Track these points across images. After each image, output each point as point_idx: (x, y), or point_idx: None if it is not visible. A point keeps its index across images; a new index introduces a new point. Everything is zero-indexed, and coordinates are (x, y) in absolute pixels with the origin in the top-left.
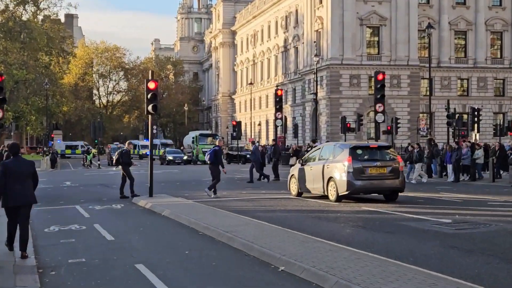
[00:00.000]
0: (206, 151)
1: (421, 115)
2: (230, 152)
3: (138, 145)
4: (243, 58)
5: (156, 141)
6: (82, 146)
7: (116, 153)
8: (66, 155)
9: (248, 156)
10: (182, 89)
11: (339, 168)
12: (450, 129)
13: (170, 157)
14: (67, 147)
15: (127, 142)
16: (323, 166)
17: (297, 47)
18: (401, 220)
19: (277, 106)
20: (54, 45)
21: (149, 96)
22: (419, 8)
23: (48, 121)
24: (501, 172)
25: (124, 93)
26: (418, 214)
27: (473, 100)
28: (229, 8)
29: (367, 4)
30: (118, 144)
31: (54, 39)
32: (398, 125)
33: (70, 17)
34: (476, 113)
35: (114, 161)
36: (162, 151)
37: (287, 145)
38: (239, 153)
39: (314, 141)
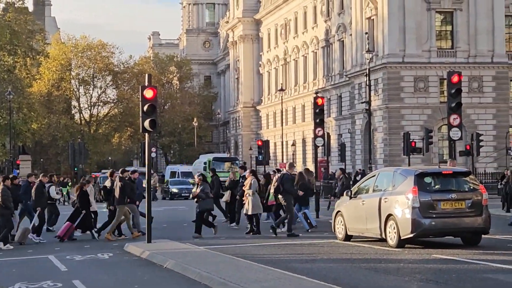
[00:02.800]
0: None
1: (511, 129)
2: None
3: (178, 172)
4: (270, 56)
5: (174, 168)
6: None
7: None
8: None
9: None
10: (190, 99)
11: (401, 202)
12: None
13: (174, 190)
14: None
15: (131, 172)
16: (380, 199)
17: (343, 41)
18: (486, 272)
19: (317, 120)
20: (20, 41)
21: (145, 108)
22: None
23: (12, 142)
24: None
25: (112, 104)
26: (509, 263)
27: None
28: None
29: None
30: (115, 173)
31: (19, 34)
32: (481, 144)
33: (40, 5)
34: None
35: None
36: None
37: (331, 172)
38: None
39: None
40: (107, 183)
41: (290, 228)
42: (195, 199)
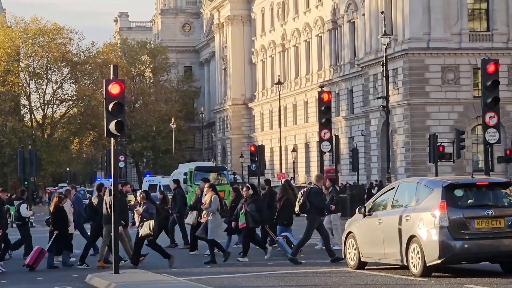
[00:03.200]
0: None
1: None
2: None
3: (160, 185)
4: (265, 41)
5: (154, 181)
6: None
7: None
8: None
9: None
10: (167, 95)
11: (427, 221)
12: None
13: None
14: None
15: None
16: (400, 217)
17: (354, 22)
18: None
19: (323, 120)
20: None
21: (111, 107)
22: None
23: None
24: None
25: (71, 103)
26: None
27: None
28: None
29: None
30: (76, 187)
31: None
32: None
33: None
34: None
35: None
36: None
37: (341, 183)
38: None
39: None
40: (94, 199)
41: (296, 252)
42: (137, 223)
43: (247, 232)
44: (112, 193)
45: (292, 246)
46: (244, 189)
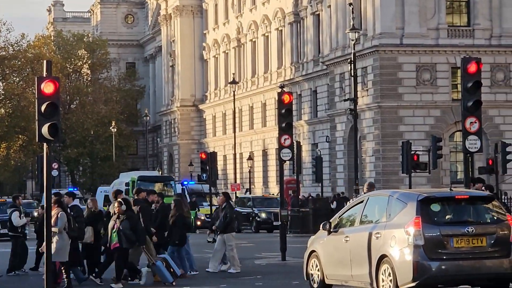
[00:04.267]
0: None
1: None
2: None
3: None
4: (218, 35)
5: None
6: None
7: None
8: None
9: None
10: (107, 95)
11: (399, 239)
12: None
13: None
14: None
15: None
16: (370, 235)
17: (318, 15)
18: None
19: (283, 125)
20: None
21: (43, 108)
22: None
23: None
24: None
25: None
26: None
27: None
28: None
29: None
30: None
31: None
32: (508, 157)
33: None
34: None
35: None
36: None
37: (302, 196)
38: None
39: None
40: (111, 209)
41: None
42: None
43: (121, 253)
44: (45, 207)
45: (172, 270)
46: (116, 204)
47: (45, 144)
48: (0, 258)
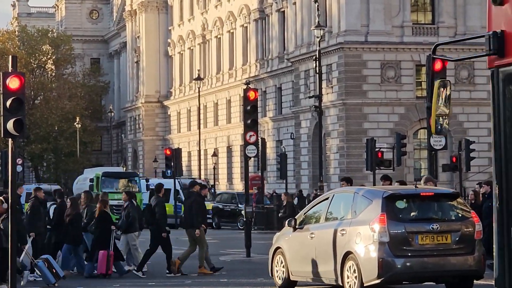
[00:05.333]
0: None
1: None
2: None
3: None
4: (183, 32)
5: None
6: None
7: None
8: None
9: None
10: (71, 90)
11: (364, 236)
12: None
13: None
14: None
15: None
16: (335, 232)
17: (283, 12)
18: None
19: (248, 121)
20: None
21: (9, 103)
22: None
23: None
24: None
25: None
26: None
27: None
28: None
29: None
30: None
31: None
32: (472, 155)
33: None
34: None
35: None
36: None
37: (267, 193)
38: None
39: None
40: (153, 201)
41: None
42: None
43: (1, 253)
44: (9, 202)
45: (54, 271)
46: None
47: (10, 139)
48: None
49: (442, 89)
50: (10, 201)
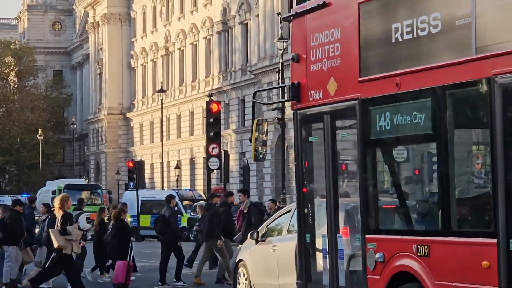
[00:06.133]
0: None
1: None
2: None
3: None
4: (146, 44)
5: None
6: None
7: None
8: None
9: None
10: (33, 102)
11: None
12: None
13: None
14: None
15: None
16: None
17: (246, 24)
18: None
19: (211, 134)
20: None
21: None
22: None
23: None
24: None
25: None
26: None
27: None
28: None
29: None
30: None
31: None
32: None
33: None
34: None
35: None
36: None
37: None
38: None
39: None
40: (166, 212)
41: None
42: None
43: None
44: None
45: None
46: None
47: None
48: None
49: (260, 126)
50: None
